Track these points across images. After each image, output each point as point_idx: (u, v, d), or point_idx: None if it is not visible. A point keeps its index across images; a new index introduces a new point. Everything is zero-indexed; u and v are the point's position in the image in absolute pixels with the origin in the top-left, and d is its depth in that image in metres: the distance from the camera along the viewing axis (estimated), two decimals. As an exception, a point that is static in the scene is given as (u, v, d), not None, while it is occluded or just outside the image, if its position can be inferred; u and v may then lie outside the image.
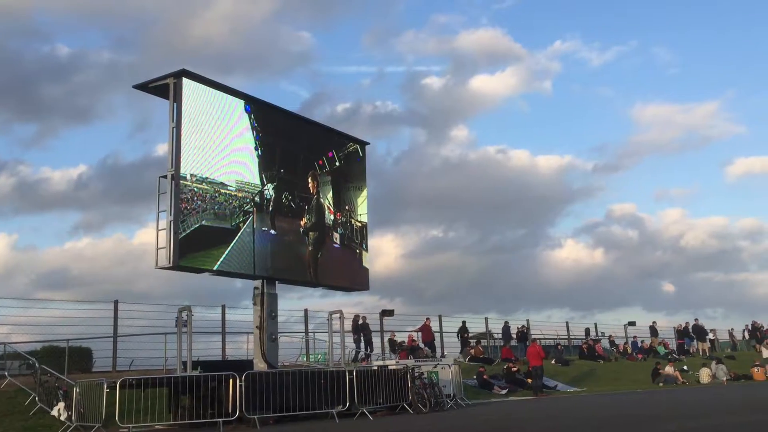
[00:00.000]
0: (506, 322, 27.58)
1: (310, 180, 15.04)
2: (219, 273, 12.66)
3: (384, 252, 48.79)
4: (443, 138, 61.59)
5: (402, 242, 54.67)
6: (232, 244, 12.70)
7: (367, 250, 16.52)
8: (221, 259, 12.36)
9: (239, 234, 12.92)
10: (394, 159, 58.96)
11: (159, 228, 11.56)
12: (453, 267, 51.89)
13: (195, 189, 12.02)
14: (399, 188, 53.18)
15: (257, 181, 13.64)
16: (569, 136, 70.09)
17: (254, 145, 13.68)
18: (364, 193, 16.75)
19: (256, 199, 13.52)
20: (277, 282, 13.99)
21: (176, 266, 11.49)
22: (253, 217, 13.28)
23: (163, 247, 11.41)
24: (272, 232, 13.87)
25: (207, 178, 12.31)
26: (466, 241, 55.15)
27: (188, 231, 11.73)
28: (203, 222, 12.12)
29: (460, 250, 53.96)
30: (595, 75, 70.70)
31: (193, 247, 11.78)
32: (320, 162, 15.43)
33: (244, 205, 13.12)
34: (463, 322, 26.18)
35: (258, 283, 13.76)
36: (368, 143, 17.07)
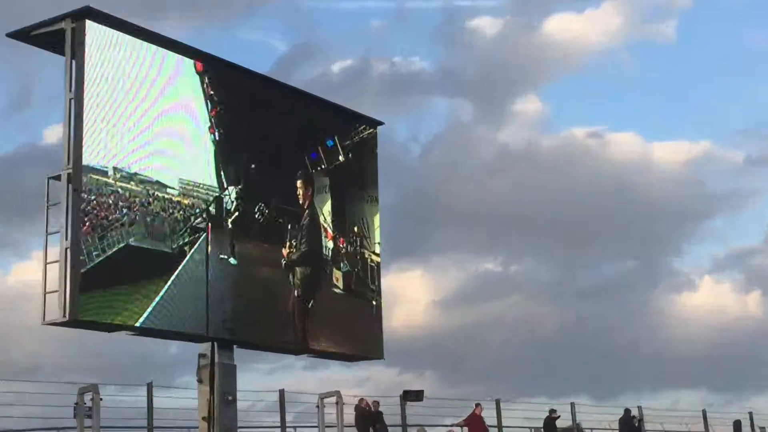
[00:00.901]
0: (627, 411, 26.79)
1: (299, 184, 14.85)
2: (145, 332, 12.51)
3: (407, 297, 46.67)
4: (500, 114, 58.97)
5: (435, 281, 52.29)
6: (170, 282, 12.47)
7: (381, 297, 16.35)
8: (151, 308, 12.09)
9: (183, 264, 12.76)
10: (423, 148, 54.16)
11: (48, 260, 11.34)
12: (516, 322, 50.08)
13: (120, 190, 12.01)
14: (430, 195, 49.95)
15: (213, 182, 13.56)
16: (704, 111, 67.65)
17: (208, 125, 13.57)
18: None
19: (212, 209, 13.42)
20: (236, 346, 13.63)
21: (74, 321, 11.30)
22: (207, 238, 13.14)
23: (54, 291, 11.21)
24: (233, 262, 13.61)
25: (136, 174, 12.33)
26: (537, 280, 52.71)
27: (105, 255, 11.69)
28: (130, 241, 12.06)
29: (528, 295, 51.69)
30: (741, 14, 68.31)
31: (107, 284, 11.71)
32: (314, 155, 15.29)
33: (193, 217, 13.06)
34: (551, 412, 25.16)
35: (206, 347, 13.28)
36: (381, 123, 16.71)
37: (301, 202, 14.86)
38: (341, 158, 15.75)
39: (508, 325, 47.83)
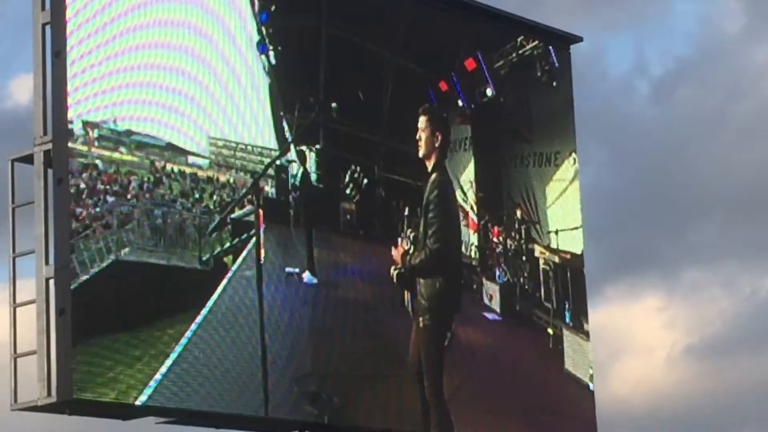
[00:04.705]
0: None
1: (422, 124, 11.36)
2: (158, 414, 8.99)
3: (634, 342, 33.51)
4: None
5: (688, 313, 36.85)
6: (197, 323, 9.09)
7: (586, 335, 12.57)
8: (162, 373, 8.64)
9: (220, 289, 9.49)
10: (657, 85, 44.39)
11: (16, 301, 8.84)
12: None
13: (99, 162, 9.07)
14: (671, 165, 35.46)
15: (268, 140, 10.44)
16: None
17: (258, 40, 10.29)
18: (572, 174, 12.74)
19: (268, 188, 10.32)
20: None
21: (69, 400, 8.33)
22: (260, 240, 9.87)
23: (31, 352, 8.61)
24: (310, 279, 10.23)
25: (129, 132, 9.19)
26: None
27: (78, 282, 8.61)
28: (122, 253, 9.00)
29: None
30: None
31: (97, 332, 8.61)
32: (444, 85, 11.76)
33: (236, 205, 10.05)
34: None
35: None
36: (579, 40, 13.52)
37: (426, 159, 10.93)
38: (490, 92, 12.07)
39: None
